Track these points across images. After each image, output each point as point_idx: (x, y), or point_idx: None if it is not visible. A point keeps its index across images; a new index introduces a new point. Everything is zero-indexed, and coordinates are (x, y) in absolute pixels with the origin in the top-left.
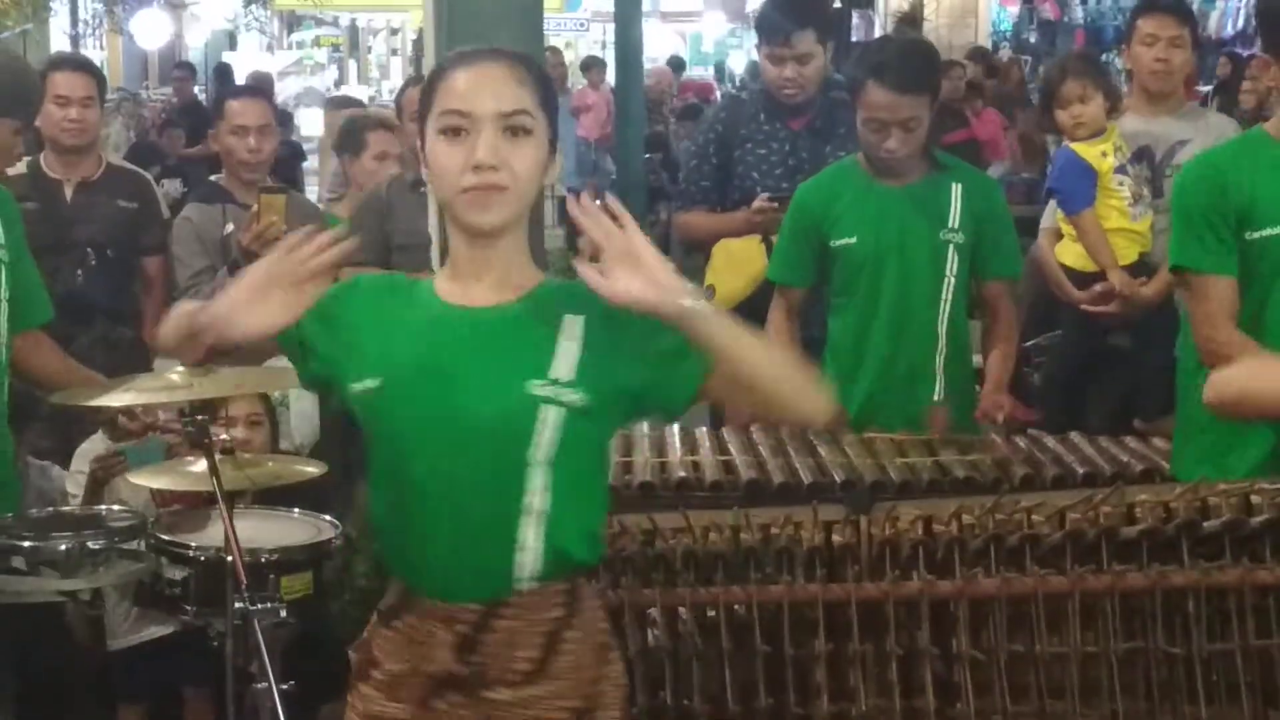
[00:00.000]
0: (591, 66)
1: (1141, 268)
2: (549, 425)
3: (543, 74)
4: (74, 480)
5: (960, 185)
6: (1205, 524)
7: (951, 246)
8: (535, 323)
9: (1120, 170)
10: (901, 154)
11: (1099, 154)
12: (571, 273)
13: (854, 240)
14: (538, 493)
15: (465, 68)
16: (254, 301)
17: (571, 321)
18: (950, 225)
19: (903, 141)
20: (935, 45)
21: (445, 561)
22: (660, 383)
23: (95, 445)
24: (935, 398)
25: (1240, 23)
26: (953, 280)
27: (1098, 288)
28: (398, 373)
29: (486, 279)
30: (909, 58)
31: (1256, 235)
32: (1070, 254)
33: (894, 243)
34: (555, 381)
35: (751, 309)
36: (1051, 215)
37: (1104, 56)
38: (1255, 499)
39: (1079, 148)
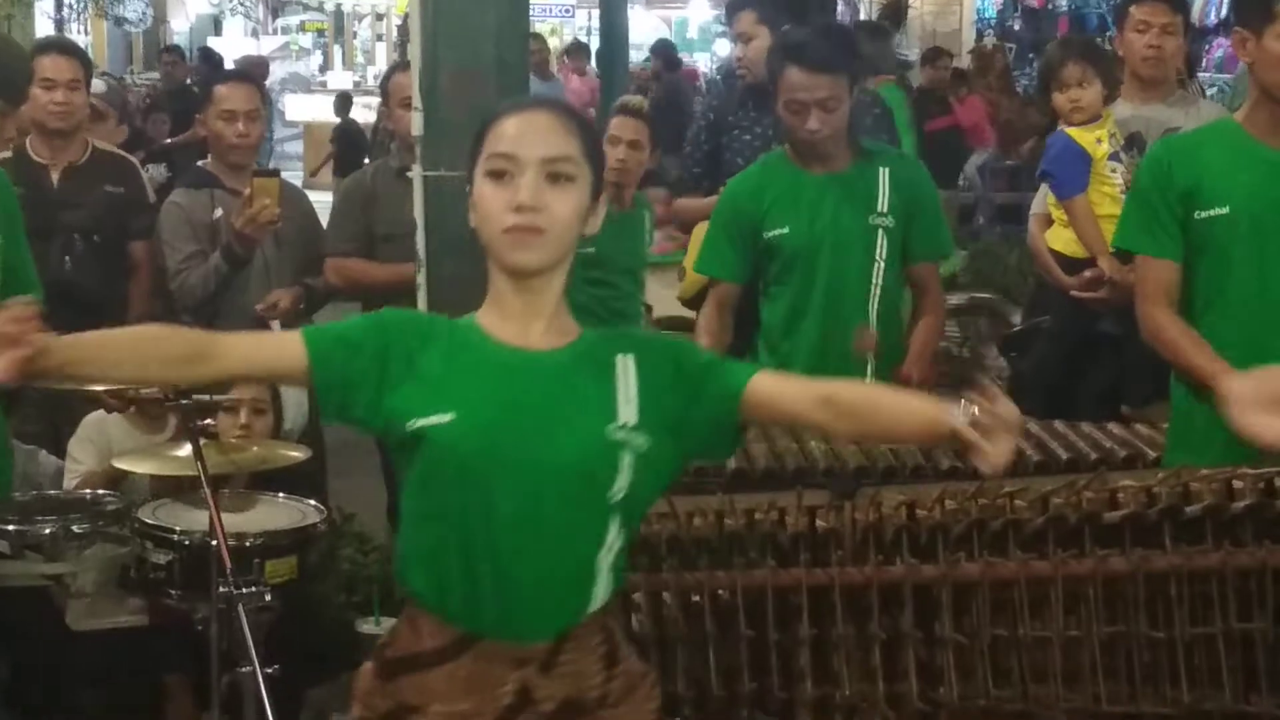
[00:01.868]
0: (575, 52)
1: (1121, 252)
2: (625, 468)
3: (589, 127)
4: (81, 446)
5: (887, 170)
6: (1187, 509)
7: (881, 231)
8: (593, 367)
9: (1114, 157)
10: (823, 134)
11: (1094, 140)
12: None
13: (786, 230)
14: (614, 530)
15: (515, 115)
16: None
17: (624, 363)
18: (879, 210)
19: (823, 121)
20: (920, 33)
21: (523, 602)
22: (709, 417)
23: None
24: (867, 380)
25: (1224, 11)
26: (882, 265)
27: (1087, 274)
28: (473, 410)
29: (538, 323)
30: (825, 39)
31: (1205, 214)
32: (1060, 240)
33: (826, 230)
34: (625, 426)
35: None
36: (1042, 200)
37: None
38: (1237, 484)
39: (1075, 133)
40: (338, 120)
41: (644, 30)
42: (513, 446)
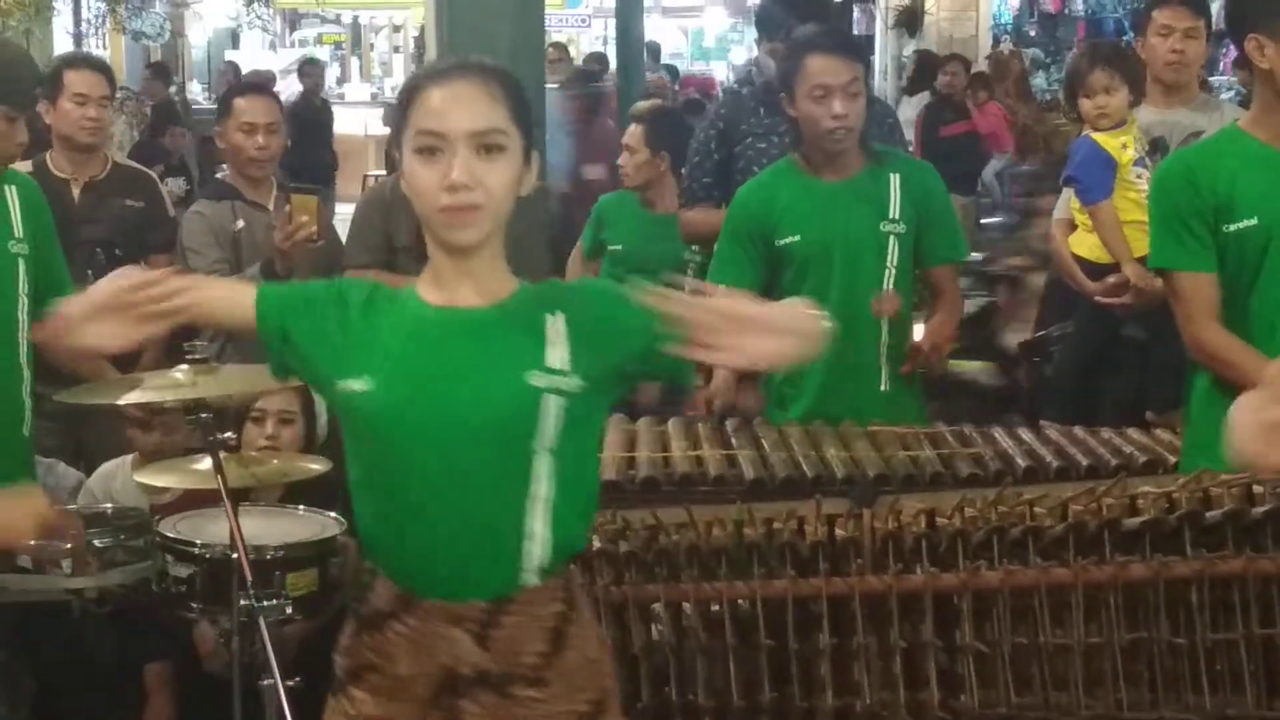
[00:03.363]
0: (593, 63)
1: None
2: (551, 414)
3: (516, 86)
4: (85, 496)
5: (898, 175)
6: (1208, 514)
7: (893, 238)
8: (522, 321)
9: (1139, 163)
10: (850, 121)
11: (1119, 145)
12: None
13: (798, 238)
14: (543, 481)
15: (438, 85)
16: (89, 321)
17: (554, 317)
18: (890, 216)
19: (848, 106)
20: (936, 39)
21: (452, 559)
22: (655, 352)
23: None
24: (881, 388)
25: None
26: (894, 271)
27: (1111, 279)
28: (391, 374)
29: (469, 285)
30: (837, 31)
31: (1235, 227)
32: (1084, 245)
33: (837, 237)
34: (551, 370)
35: None
36: (1065, 206)
37: None
38: (1257, 489)
39: (1101, 138)
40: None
41: (660, 39)
42: (427, 404)
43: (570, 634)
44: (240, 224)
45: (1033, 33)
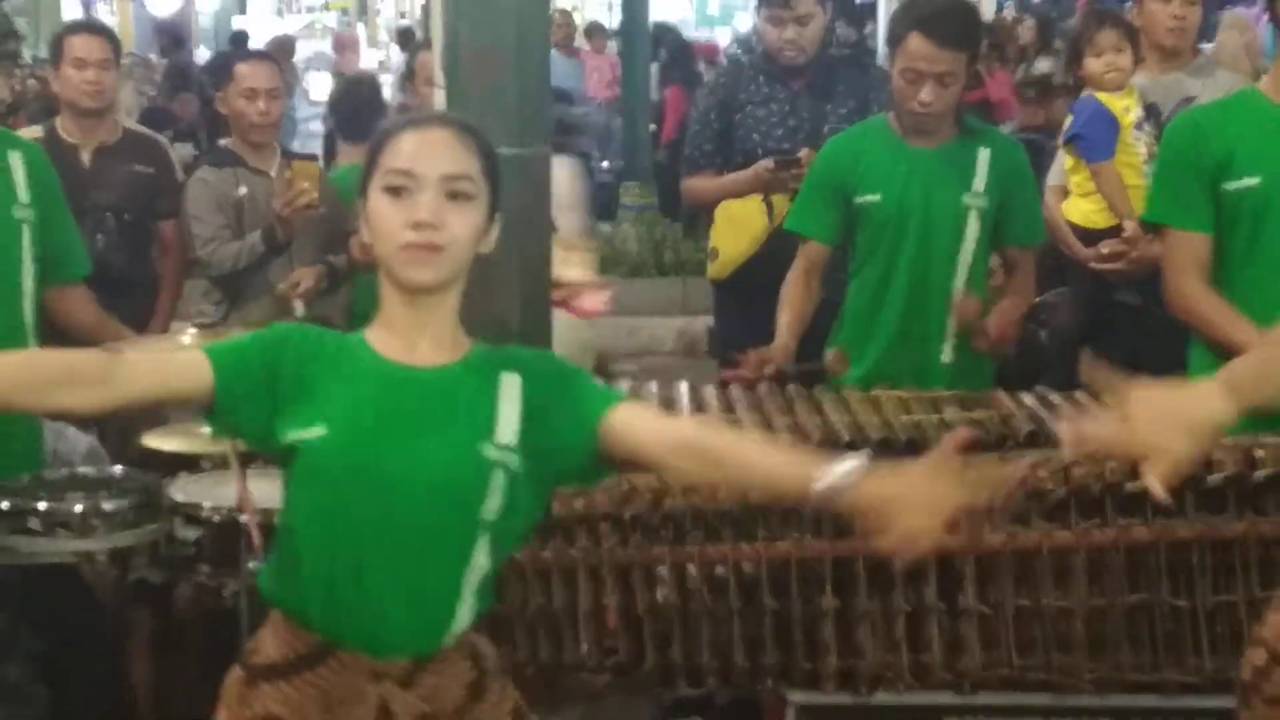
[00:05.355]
0: (595, 33)
1: (1151, 225)
2: (497, 488)
3: (488, 145)
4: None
5: (988, 150)
6: (1209, 478)
7: (974, 211)
8: (477, 384)
9: (1138, 127)
10: (935, 108)
11: (1123, 108)
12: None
13: (878, 198)
14: (484, 553)
15: (414, 131)
16: None
17: (510, 382)
18: (974, 190)
19: (936, 95)
20: None
21: (384, 616)
22: (589, 457)
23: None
24: (944, 360)
25: None
26: (972, 245)
27: (1104, 246)
28: (346, 425)
29: (425, 338)
30: (953, 14)
31: (1235, 186)
32: (1077, 211)
33: (917, 203)
34: (501, 445)
35: (753, 268)
36: (1059, 172)
37: None
38: (1259, 453)
39: (1106, 98)
40: None
41: (664, 6)
42: (383, 461)
43: (487, 685)
44: (243, 190)
45: (1035, 0)
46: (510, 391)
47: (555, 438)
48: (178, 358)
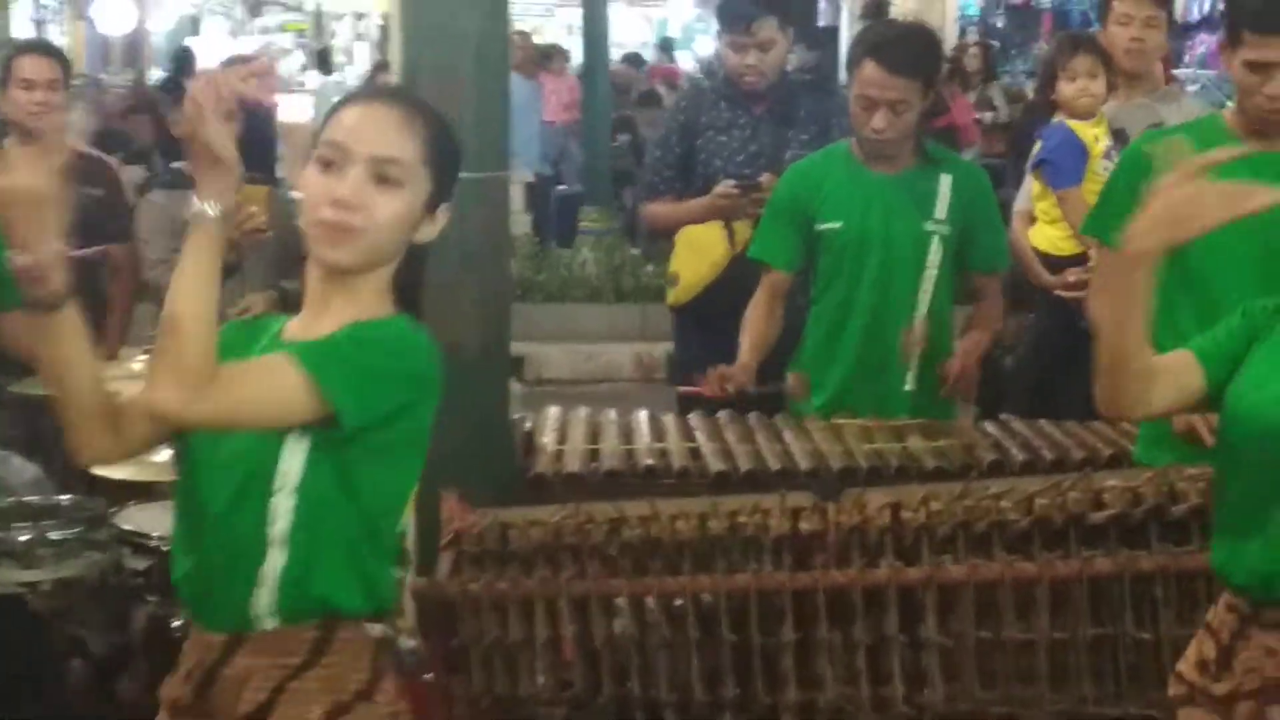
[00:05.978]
0: (553, 54)
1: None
2: (293, 454)
3: (437, 132)
4: None
5: (950, 177)
6: (1173, 509)
7: (936, 238)
8: None
9: (1106, 156)
10: (889, 135)
11: (1093, 137)
12: (538, 259)
13: (839, 225)
14: (279, 523)
15: (359, 104)
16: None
17: None
18: (936, 217)
19: (889, 122)
20: None
21: (194, 587)
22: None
23: None
24: (906, 388)
25: (1207, 7)
26: (934, 272)
27: (1070, 274)
28: None
29: (326, 319)
30: (907, 41)
31: None
32: (1043, 238)
33: (878, 230)
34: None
35: (714, 294)
36: (1026, 197)
37: None
38: None
39: (1076, 126)
40: None
41: (625, 29)
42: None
43: (294, 689)
44: None
45: (1000, 24)
46: None
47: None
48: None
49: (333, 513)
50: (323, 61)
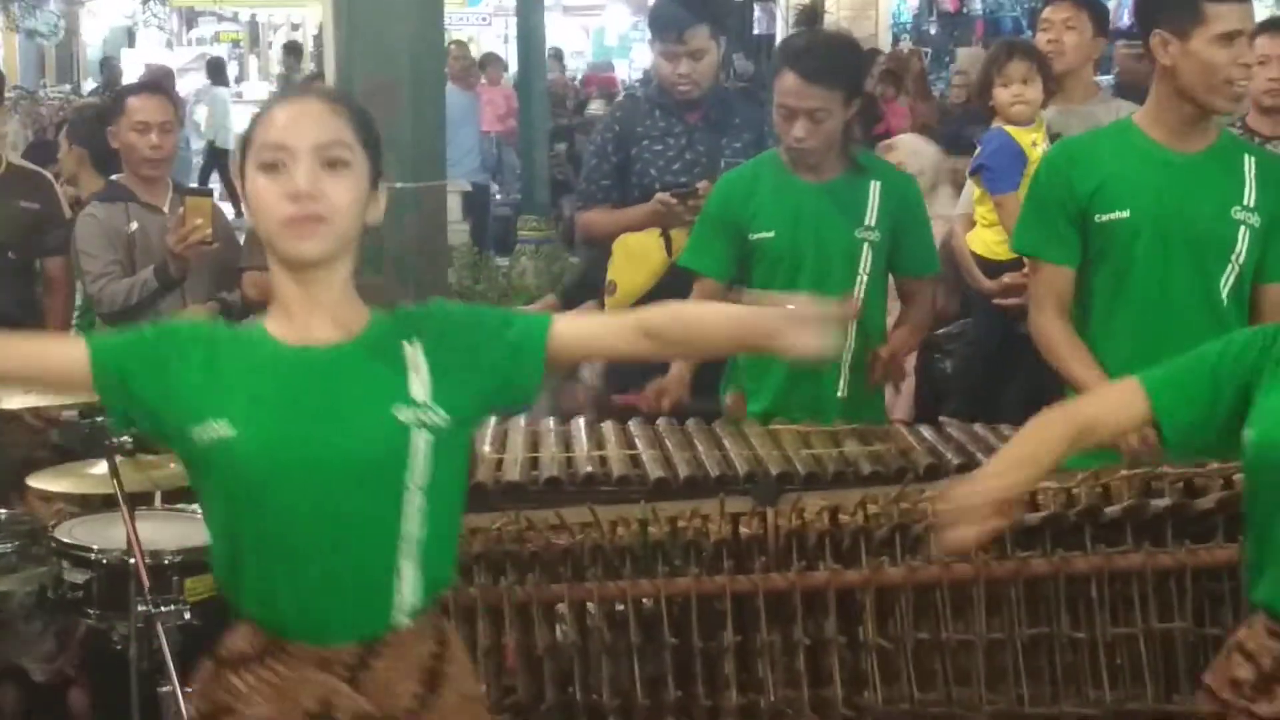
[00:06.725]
0: (489, 63)
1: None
2: (421, 450)
3: (362, 112)
4: None
5: (879, 184)
6: (1107, 509)
7: (866, 245)
8: (380, 355)
9: None
10: (809, 144)
11: (1030, 142)
12: (476, 268)
13: (771, 235)
14: (414, 519)
15: (284, 104)
16: None
17: (413, 349)
18: (866, 224)
19: (809, 132)
20: None
21: (321, 604)
22: (512, 376)
23: None
24: (840, 394)
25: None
26: (865, 279)
27: (1005, 279)
28: (254, 417)
29: (319, 318)
30: (825, 50)
31: (1105, 218)
32: (980, 242)
33: (810, 239)
34: (416, 404)
35: (650, 302)
36: (966, 201)
37: None
38: (1156, 484)
39: (1014, 131)
40: None
41: (561, 38)
42: (295, 447)
43: (445, 673)
44: (134, 226)
45: (932, 31)
46: (415, 357)
47: (483, 378)
48: (60, 340)
49: (450, 499)
50: (216, 72)
